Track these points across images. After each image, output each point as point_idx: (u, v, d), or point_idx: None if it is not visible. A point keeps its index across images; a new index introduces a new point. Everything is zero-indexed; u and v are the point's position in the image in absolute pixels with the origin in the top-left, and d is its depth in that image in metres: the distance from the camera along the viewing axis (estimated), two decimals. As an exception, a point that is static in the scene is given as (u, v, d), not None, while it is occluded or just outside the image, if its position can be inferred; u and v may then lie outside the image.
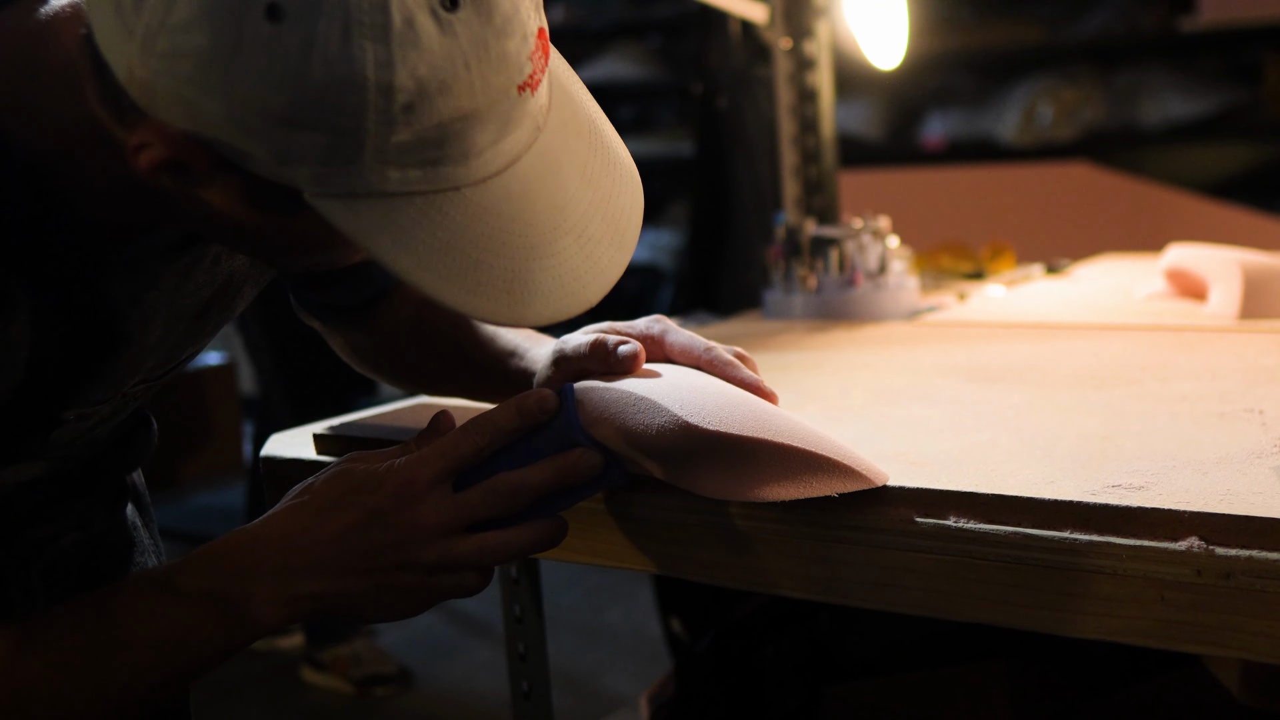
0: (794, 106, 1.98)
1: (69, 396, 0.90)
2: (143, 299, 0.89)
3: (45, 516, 1.01)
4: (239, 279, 0.98)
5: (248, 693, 3.46)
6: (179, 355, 0.98)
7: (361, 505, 0.80)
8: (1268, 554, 0.75)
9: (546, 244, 0.77)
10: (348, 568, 0.79)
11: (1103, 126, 3.97)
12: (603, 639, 3.51)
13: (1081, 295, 1.75)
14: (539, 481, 0.83)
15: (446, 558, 0.81)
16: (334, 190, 0.72)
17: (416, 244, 0.73)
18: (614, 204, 0.82)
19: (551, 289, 0.76)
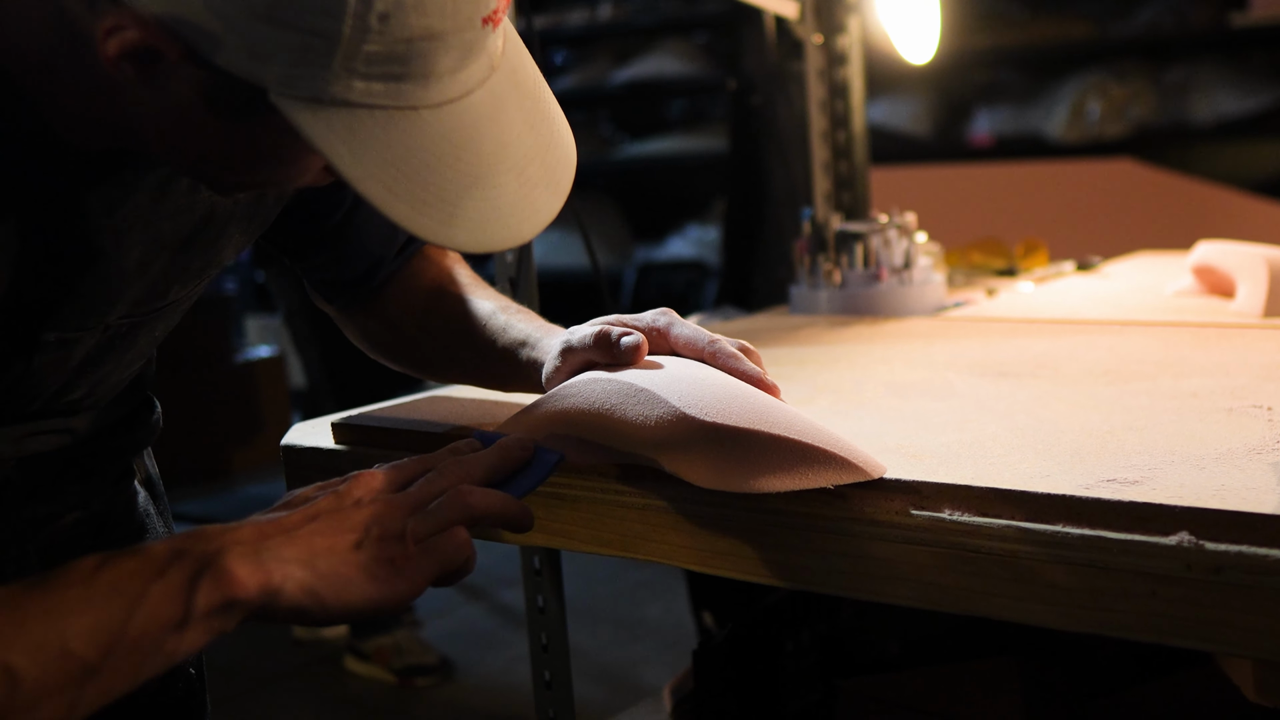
0: (825, 102, 1.98)
1: (47, 313, 0.91)
2: (118, 209, 0.90)
3: (45, 495, 1.02)
4: (222, 216, 0.99)
5: (292, 681, 3.50)
6: (165, 290, 0.99)
7: (328, 500, 0.80)
8: (1257, 549, 0.74)
9: (489, 176, 0.81)
10: (324, 531, 0.77)
11: (1152, 123, 3.93)
12: (642, 633, 3.52)
13: (1110, 292, 1.74)
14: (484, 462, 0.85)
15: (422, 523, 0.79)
16: (299, 93, 0.74)
17: (370, 156, 0.76)
18: (551, 153, 0.86)
19: (489, 219, 0.81)
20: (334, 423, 1.19)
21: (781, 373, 1.29)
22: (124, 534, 1.13)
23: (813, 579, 0.91)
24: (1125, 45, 4.04)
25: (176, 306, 1.03)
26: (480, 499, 0.81)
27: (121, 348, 1.00)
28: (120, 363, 1.02)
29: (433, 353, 1.18)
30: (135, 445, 1.13)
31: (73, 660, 0.68)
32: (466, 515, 0.80)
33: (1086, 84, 4.00)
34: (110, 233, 0.90)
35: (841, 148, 2.00)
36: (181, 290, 1.01)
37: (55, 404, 0.98)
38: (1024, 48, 4.19)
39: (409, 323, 1.18)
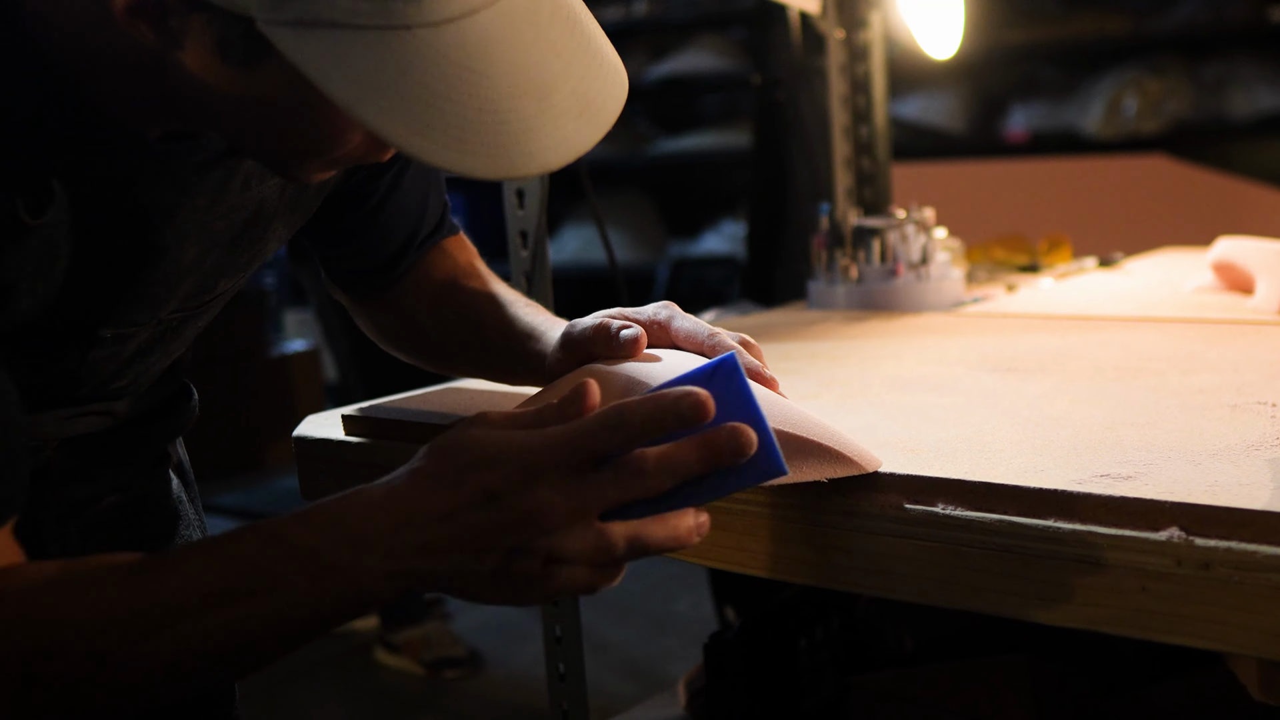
0: (846, 97, 1.97)
1: (107, 311, 0.92)
2: (177, 212, 0.91)
3: (85, 477, 1.04)
4: (269, 211, 1.00)
5: (323, 672, 3.53)
6: (213, 285, 1.00)
7: (478, 483, 0.74)
8: (1246, 545, 0.74)
9: (505, 101, 0.76)
10: (461, 548, 0.73)
11: (1189, 119, 3.90)
12: (670, 627, 3.52)
13: (1129, 288, 1.73)
14: (683, 460, 0.74)
15: (562, 547, 0.73)
16: (284, 17, 0.72)
17: (363, 79, 0.72)
18: (587, 84, 0.81)
19: (506, 144, 0.75)
20: (344, 415, 1.21)
21: (792, 367, 1.29)
22: (160, 517, 1.15)
23: (808, 572, 0.91)
24: (1162, 40, 4.00)
25: (222, 299, 1.04)
26: (629, 549, 0.75)
27: (170, 340, 1.02)
28: (167, 353, 1.04)
29: (443, 344, 1.19)
30: (172, 430, 1.15)
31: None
32: (611, 560, 0.75)
33: (1123, 80, 3.97)
34: (170, 234, 0.91)
35: (864, 143, 2.00)
36: (228, 283, 1.02)
37: (102, 390, 1.00)
38: (1060, 43, 4.16)
39: (421, 314, 1.19)
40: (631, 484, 0.74)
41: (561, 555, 0.73)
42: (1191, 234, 2.74)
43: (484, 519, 0.73)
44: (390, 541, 0.73)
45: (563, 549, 0.73)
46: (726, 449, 0.74)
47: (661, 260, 4.99)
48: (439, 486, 0.74)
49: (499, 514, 0.73)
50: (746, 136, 4.43)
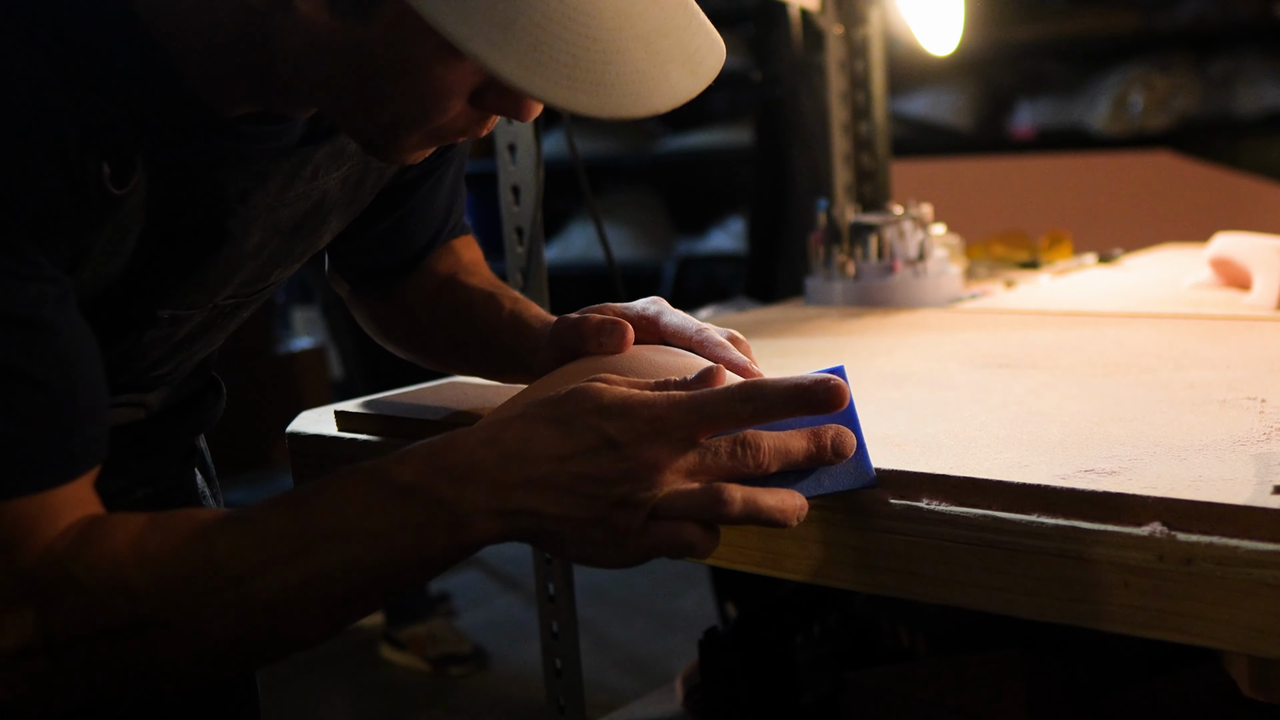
0: (846, 93, 1.97)
1: (168, 292, 0.92)
2: (248, 198, 0.91)
3: (116, 470, 1.04)
4: (330, 203, 1.00)
5: (328, 668, 3.54)
6: (269, 274, 1.00)
7: (600, 430, 0.74)
8: (1228, 540, 0.74)
9: (612, 42, 0.76)
10: (569, 490, 0.74)
11: (1195, 115, 3.89)
12: (675, 625, 3.52)
13: (1127, 284, 1.73)
14: (797, 447, 0.77)
15: (674, 501, 0.74)
16: None
17: (474, 14, 0.72)
18: (690, 37, 0.81)
19: (614, 84, 0.76)
20: (338, 411, 1.21)
21: (785, 363, 1.29)
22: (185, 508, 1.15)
23: (794, 567, 0.91)
24: (1169, 37, 3.99)
25: (272, 288, 1.04)
26: (743, 507, 0.75)
27: (218, 327, 1.02)
28: (210, 342, 1.04)
29: (438, 340, 1.20)
30: (200, 425, 1.15)
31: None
32: (723, 515, 0.75)
33: (1130, 76, 3.96)
34: (239, 219, 0.91)
35: (863, 139, 2.00)
36: (282, 273, 1.02)
37: (141, 378, 1.00)
38: (1067, 39, 4.15)
39: (418, 308, 1.20)
40: (745, 458, 0.76)
41: (668, 511, 0.74)
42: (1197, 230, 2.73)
43: (599, 465, 0.74)
44: (498, 474, 0.74)
45: (671, 504, 0.74)
46: (832, 446, 0.78)
47: (668, 258, 4.99)
48: (558, 428, 0.75)
49: (616, 462, 0.74)
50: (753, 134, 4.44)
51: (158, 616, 0.74)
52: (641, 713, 1.65)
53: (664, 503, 0.74)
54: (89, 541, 0.75)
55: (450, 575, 4.00)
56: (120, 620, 0.73)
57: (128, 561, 0.74)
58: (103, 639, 0.74)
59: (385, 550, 0.74)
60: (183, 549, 0.74)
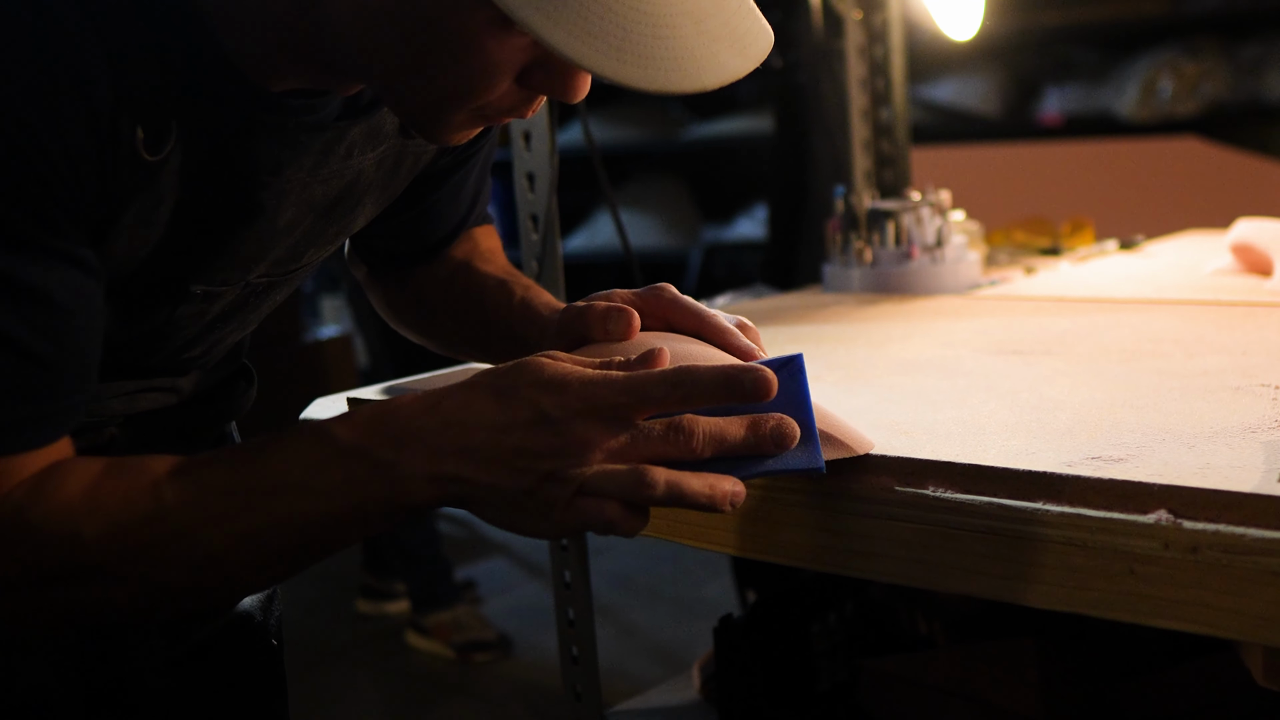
0: (865, 80, 1.96)
1: (200, 266, 0.92)
2: (282, 171, 0.90)
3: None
4: (364, 184, 0.99)
5: (355, 655, 3.56)
6: (301, 254, 1.00)
7: (536, 404, 0.76)
8: (1234, 528, 0.73)
9: (663, 16, 0.76)
10: (502, 461, 0.76)
11: (1225, 101, 3.85)
12: (700, 612, 3.52)
13: (1147, 270, 1.71)
14: (732, 435, 0.78)
15: (599, 480, 0.75)
16: None
17: None
18: (739, 19, 0.81)
19: (664, 59, 0.76)
20: (349, 398, 1.21)
21: (798, 349, 1.29)
22: None
23: (799, 554, 0.91)
24: (1199, 21, 3.95)
25: (305, 270, 1.04)
26: (666, 491, 0.76)
27: (250, 307, 1.02)
28: (243, 324, 1.04)
29: (449, 325, 1.20)
30: (231, 412, 1.15)
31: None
32: (646, 497, 0.76)
33: (1159, 61, 3.92)
34: (272, 191, 0.90)
35: (883, 126, 1.99)
36: (315, 255, 1.02)
37: (173, 360, 1.00)
38: (1096, 24, 4.11)
39: (432, 293, 1.20)
40: (678, 442, 0.76)
41: (595, 489, 0.75)
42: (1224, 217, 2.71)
43: (532, 438, 0.75)
44: (435, 440, 0.76)
45: (597, 483, 0.75)
46: (771, 435, 0.78)
47: (695, 245, 4.98)
48: (496, 399, 0.76)
49: (548, 437, 0.75)
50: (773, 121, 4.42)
51: (106, 565, 0.76)
52: (658, 700, 1.64)
53: (591, 480, 0.75)
54: (44, 489, 0.77)
55: (476, 563, 4.02)
56: (70, 568, 0.76)
57: (79, 510, 0.76)
58: (52, 584, 0.77)
59: (325, 507, 0.77)
60: (134, 500, 0.77)
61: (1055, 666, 1.27)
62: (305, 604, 3.93)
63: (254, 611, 1.15)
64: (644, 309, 0.99)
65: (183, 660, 1.10)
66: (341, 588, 3.94)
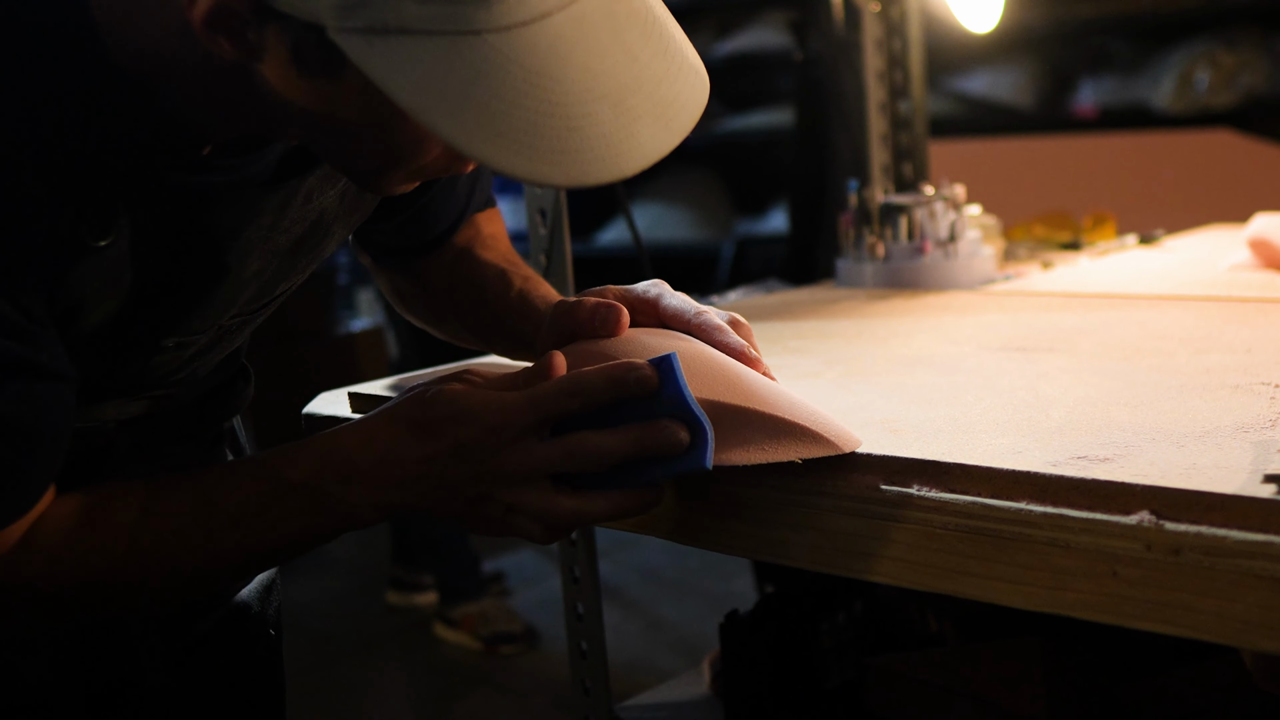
0: (883, 72, 1.95)
1: (170, 324, 0.94)
2: (243, 232, 0.92)
3: (143, 456, 1.06)
4: (329, 217, 1.00)
5: (384, 647, 3.58)
6: (273, 290, 1.01)
7: (454, 436, 0.83)
8: (1216, 530, 0.72)
9: (578, 106, 0.75)
10: (435, 488, 0.84)
11: (1262, 93, 3.79)
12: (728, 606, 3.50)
13: (1165, 266, 1.69)
14: (616, 448, 0.83)
15: (520, 503, 0.84)
16: (355, 24, 0.72)
17: (434, 87, 0.72)
18: (664, 88, 0.80)
19: (581, 152, 0.75)
20: (351, 393, 1.22)
21: (801, 345, 1.28)
22: None
23: (789, 553, 0.90)
24: (1237, 12, 3.90)
25: (280, 299, 1.06)
26: (572, 520, 0.85)
27: (228, 340, 1.04)
28: (224, 349, 1.06)
29: (450, 313, 1.20)
30: (230, 410, 1.17)
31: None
32: (556, 526, 0.85)
33: (1195, 53, 3.88)
34: (234, 253, 0.92)
35: (902, 119, 1.97)
36: (287, 286, 1.04)
37: (162, 382, 1.01)
38: (1132, 15, 4.06)
39: (435, 281, 1.20)
40: (574, 460, 0.84)
41: (520, 508, 0.84)
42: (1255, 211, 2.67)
43: (456, 468, 0.84)
44: (374, 474, 0.85)
45: (521, 503, 0.84)
46: (657, 442, 0.83)
47: (727, 239, 4.96)
48: (419, 433, 0.84)
49: (469, 465, 0.83)
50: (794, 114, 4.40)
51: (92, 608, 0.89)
52: (669, 695, 1.64)
53: (517, 502, 0.84)
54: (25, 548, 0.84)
55: (503, 555, 4.03)
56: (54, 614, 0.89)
57: (62, 561, 0.85)
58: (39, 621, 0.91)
59: (282, 535, 0.87)
60: (110, 548, 0.85)
61: (1061, 666, 1.25)
62: (335, 596, 3.96)
63: (251, 602, 1.16)
64: (635, 305, 0.99)
65: (182, 652, 1.10)
66: (371, 580, 3.96)
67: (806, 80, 2.38)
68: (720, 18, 5.13)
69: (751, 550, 0.93)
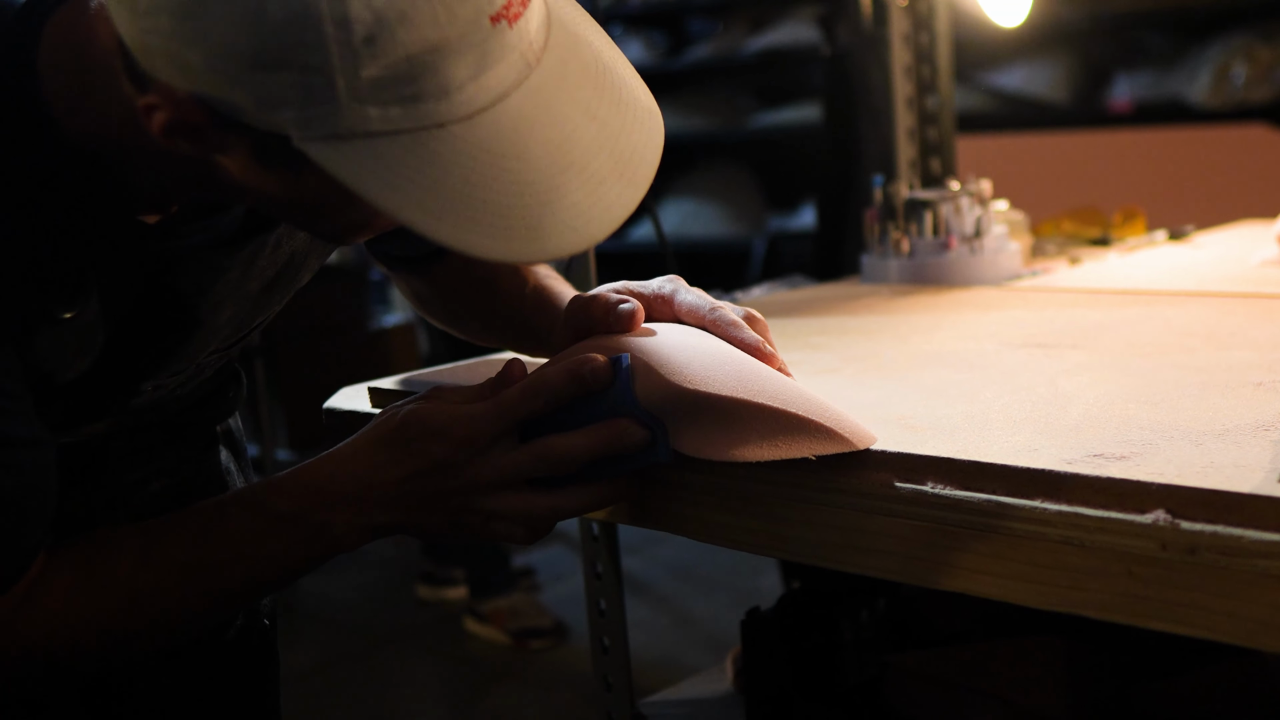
0: (910, 67, 1.93)
1: (145, 372, 0.96)
2: (211, 289, 0.93)
3: (135, 462, 1.07)
4: (301, 255, 1.01)
5: (414, 640, 3.59)
6: (248, 326, 1.03)
7: (428, 453, 0.86)
8: (1232, 529, 0.71)
9: (545, 180, 0.76)
10: (417, 505, 0.87)
11: (1301, 87, 3.75)
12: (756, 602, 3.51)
13: (1194, 262, 1.67)
14: (582, 448, 0.86)
15: (499, 508, 0.87)
16: (318, 133, 0.73)
17: (404, 183, 0.73)
18: (623, 141, 0.81)
19: (553, 226, 0.76)
20: (370, 388, 1.22)
21: (822, 341, 1.28)
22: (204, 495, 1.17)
23: (803, 550, 0.90)
24: (1274, 5, 3.85)
25: (257, 331, 1.07)
26: (550, 516, 0.88)
27: (209, 371, 1.06)
28: (206, 375, 1.07)
29: (466, 314, 1.20)
30: (223, 414, 1.17)
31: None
32: (534, 524, 0.88)
33: (1232, 46, 3.83)
34: (205, 307, 0.94)
35: (929, 114, 1.96)
36: (264, 319, 1.05)
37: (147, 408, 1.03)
38: (1168, 9, 4.03)
39: (451, 284, 1.20)
40: (545, 465, 0.87)
41: (500, 513, 0.87)
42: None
43: (435, 483, 0.86)
44: (359, 499, 0.87)
45: (501, 508, 0.87)
46: (620, 440, 0.87)
47: (759, 234, 4.95)
48: (397, 453, 0.86)
49: (446, 480, 0.86)
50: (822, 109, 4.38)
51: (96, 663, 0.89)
52: (692, 691, 1.64)
53: (496, 509, 0.87)
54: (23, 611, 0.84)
55: (534, 550, 4.03)
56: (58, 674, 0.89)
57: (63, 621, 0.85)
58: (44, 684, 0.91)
59: (273, 566, 0.89)
60: (109, 603, 0.86)
61: (1083, 666, 1.24)
62: (366, 589, 3.97)
63: None
64: (650, 301, 0.99)
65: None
66: (402, 574, 3.97)
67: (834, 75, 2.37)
68: (753, 13, 5.12)
69: (765, 547, 0.92)
